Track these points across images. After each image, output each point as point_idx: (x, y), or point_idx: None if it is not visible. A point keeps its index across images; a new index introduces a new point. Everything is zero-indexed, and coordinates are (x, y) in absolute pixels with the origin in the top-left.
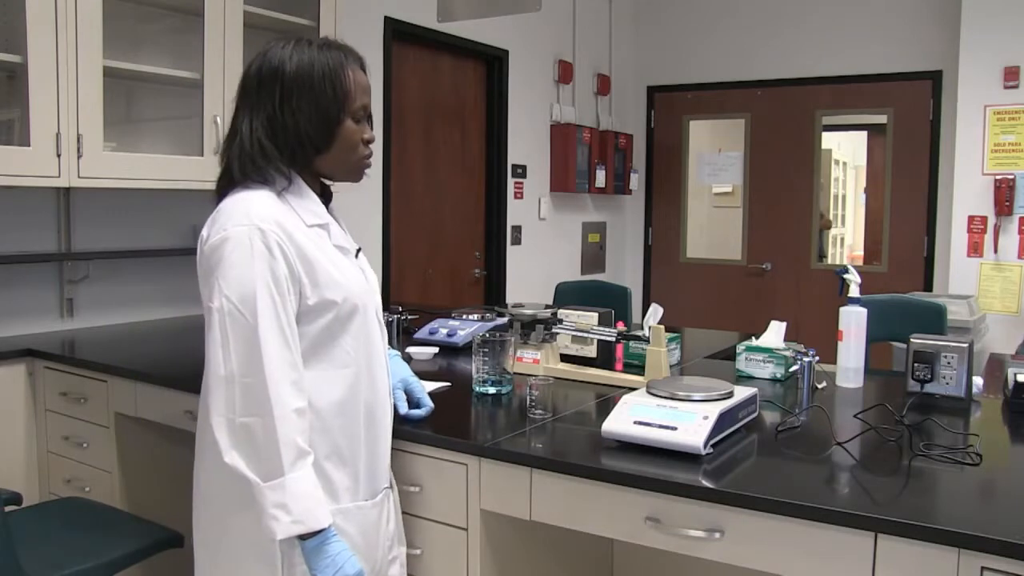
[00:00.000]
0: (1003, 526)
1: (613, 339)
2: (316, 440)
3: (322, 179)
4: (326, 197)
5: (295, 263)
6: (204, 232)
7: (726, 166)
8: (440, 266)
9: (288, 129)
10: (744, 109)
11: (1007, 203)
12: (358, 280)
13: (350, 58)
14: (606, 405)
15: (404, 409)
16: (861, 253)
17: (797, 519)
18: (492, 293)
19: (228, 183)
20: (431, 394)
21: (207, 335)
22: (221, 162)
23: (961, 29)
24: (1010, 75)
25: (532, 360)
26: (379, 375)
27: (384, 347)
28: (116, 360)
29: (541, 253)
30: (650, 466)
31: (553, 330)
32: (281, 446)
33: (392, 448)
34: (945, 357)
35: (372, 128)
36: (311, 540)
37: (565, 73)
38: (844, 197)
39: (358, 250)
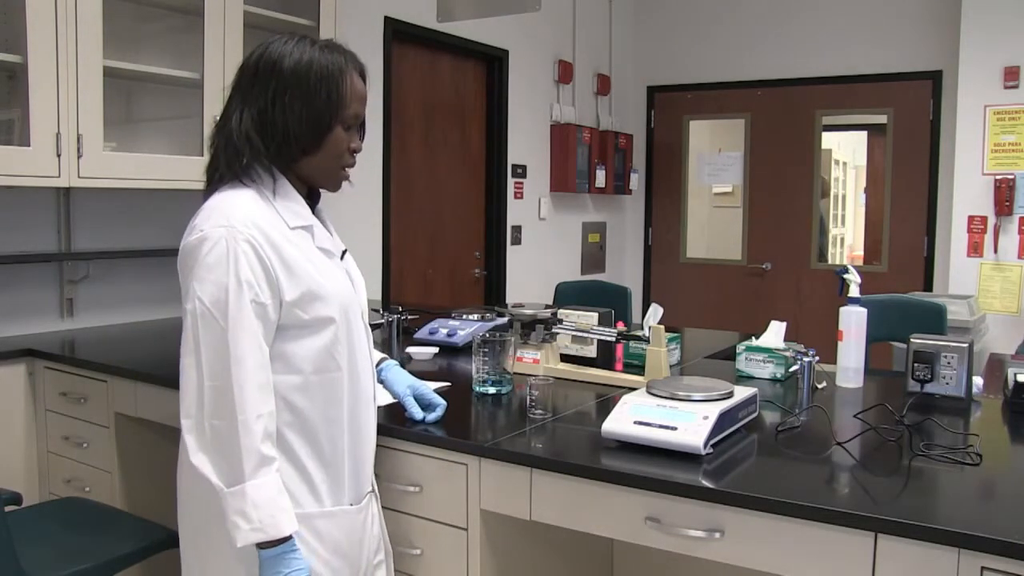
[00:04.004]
0: (1003, 526)
1: (613, 339)
2: (300, 444)
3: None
4: (313, 198)
5: (273, 267)
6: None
7: (726, 166)
8: (440, 266)
9: (277, 125)
10: (744, 109)
11: (1007, 203)
12: (341, 284)
13: (351, 64)
14: (606, 405)
15: (419, 415)
16: (861, 253)
17: (797, 519)
18: (492, 293)
19: (214, 174)
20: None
21: (182, 336)
22: (209, 149)
23: (961, 29)
24: (1010, 75)
25: (532, 360)
26: (363, 380)
27: (369, 351)
28: (116, 360)
29: (541, 253)
30: (650, 466)
31: (553, 330)
32: (243, 452)
33: (392, 448)
34: (945, 357)
35: (362, 138)
36: (270, 550)
37: (565, 73)
38: (844, 197)
39: (344, 252)
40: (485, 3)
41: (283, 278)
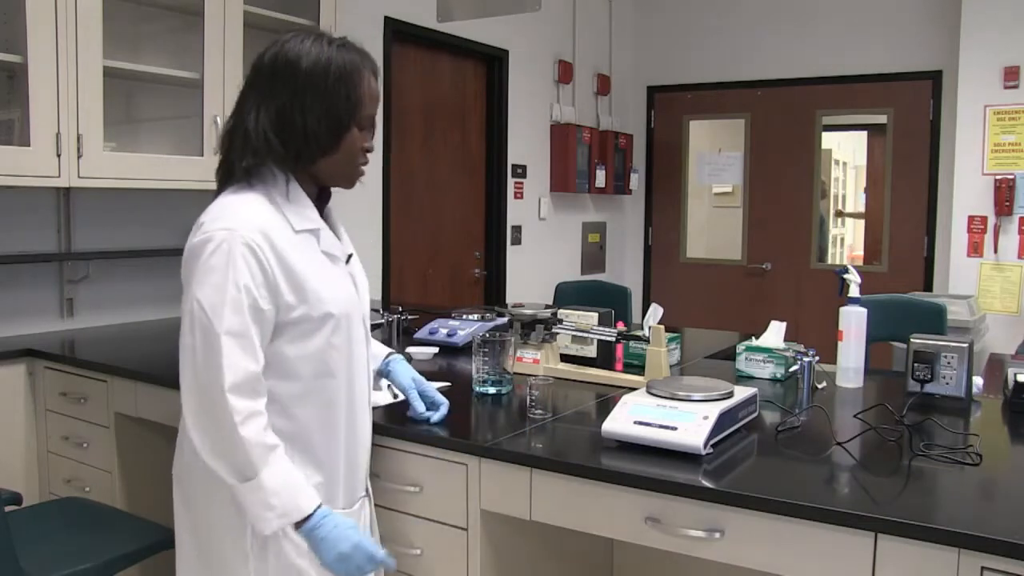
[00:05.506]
0: (1003, 526)
1: (613, 339)
2: (294, 452)
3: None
4: (323, 199)
5: (273, 272)
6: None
7: (726, 166)
8: (440, 266)
9: (296, 126)
10: (744, 109)
11: (1007, 203)
12: (343, 289)
13: (367, 63)
14: (606, 405)
15: (421, 409)
16: (861, 253)
17: (797, 519)
18: (492, 293)
19: (227, 176)
20: None
21: (180, 337)
22: (221, 150)
23: (961, 29)
24: (1010, 75)
25: (532, 360)
26: (359, 385)
27: (367, 357)
28: (116, 360)
29: (541, 253)
30: (650, 466)
31: (553, 330)
32: (248, 447)
33: (392, 448)
34: (945, 357)
35: (373, 137)
36: (303, 527)
37: (565, 73)
38: (844, 197)
39: (349, 256)
40: (485, 3)
41: (283, 282)
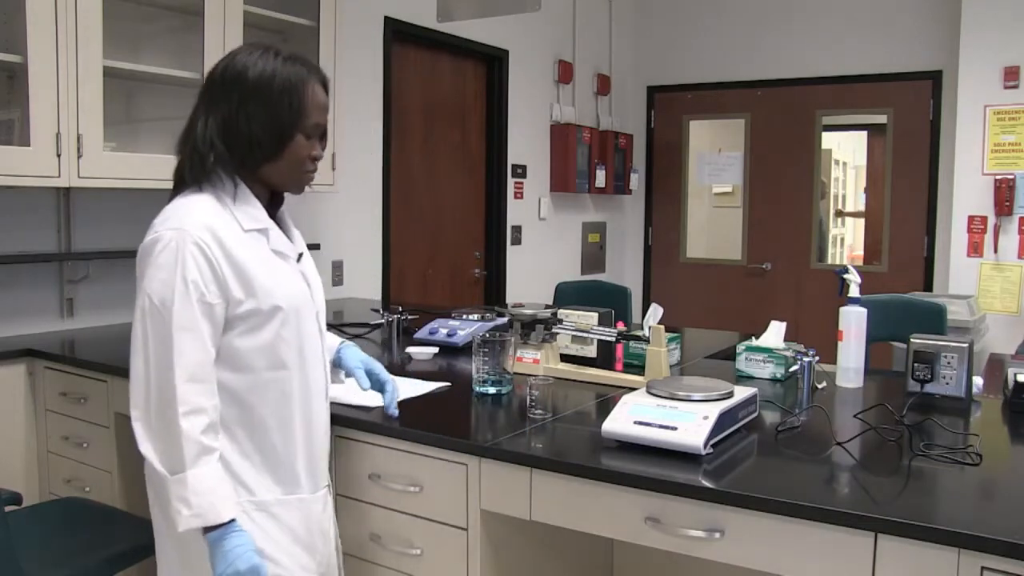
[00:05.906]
0: (1003, 526)
1: (613, 339)
2: (250, 439)
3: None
4: (276, 202)
5: (222, 269)
6: None
7: (726, 166)
8: (440, 266)
9: (241, 133)
10: (744, 109)
11: (1007, 203)
12: (294, 285)
13: (313, 75)
14: (606, 405)
15: (366, 385)
16: (861, 253)
17: (797, 519)
18: (492, 293)
19: (180, 180)
20: (431, 394)
21: (132, 331)
22: (177, 155)
23: (961, 29)
24: (1010, 75)
25: (532, 360)
26: (314, 377)
27: (322, 350)
28: (116, 360)
29: (541, 253)
30: (650, 466)
31: (553, 330)
32: (184, 442)
33: (392, 448)
34: (945, 357)
35: (324, 146)
36: (211, 533)
37: (565, 73)
38: (844, 197)
39: (300, 255)
40: (485, 3)
41: (231, 278)
